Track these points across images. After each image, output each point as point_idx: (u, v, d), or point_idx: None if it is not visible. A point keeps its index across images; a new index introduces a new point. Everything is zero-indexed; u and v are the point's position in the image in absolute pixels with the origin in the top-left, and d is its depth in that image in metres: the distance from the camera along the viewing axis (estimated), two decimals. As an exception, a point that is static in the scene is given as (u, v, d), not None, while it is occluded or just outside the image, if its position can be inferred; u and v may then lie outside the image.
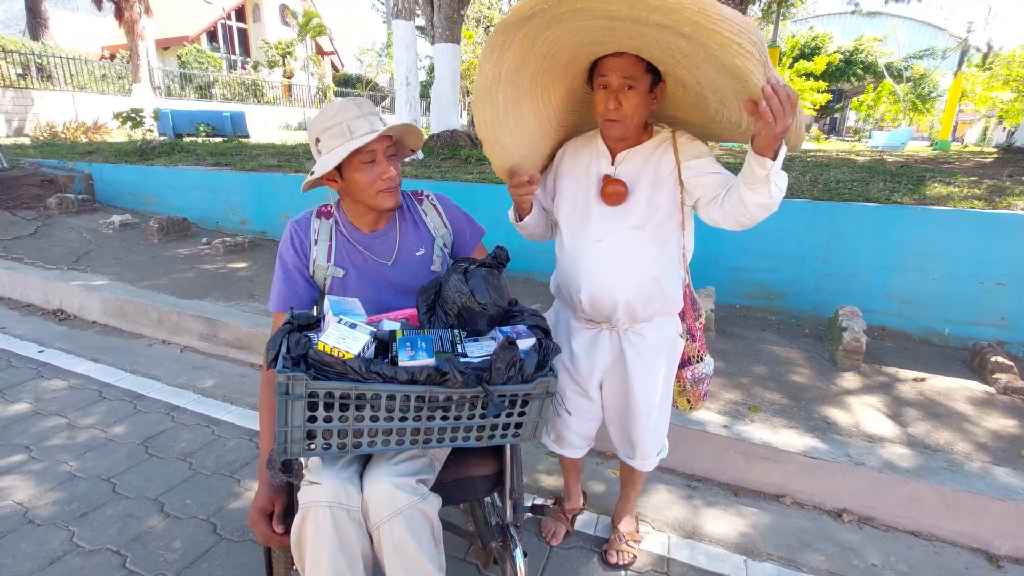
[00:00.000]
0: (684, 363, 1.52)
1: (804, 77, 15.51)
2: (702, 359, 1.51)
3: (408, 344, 1.02)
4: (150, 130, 9.05)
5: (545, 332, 1.19)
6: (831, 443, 2.12)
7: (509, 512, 1.29)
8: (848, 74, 20.35)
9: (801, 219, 3.33)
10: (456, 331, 1.14)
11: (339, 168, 1.27)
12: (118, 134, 10.99)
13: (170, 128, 9.82)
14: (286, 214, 5.04)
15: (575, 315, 1.52)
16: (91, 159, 6.71)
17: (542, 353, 1.08)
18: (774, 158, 1.10)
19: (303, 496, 1.02)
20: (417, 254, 1.40)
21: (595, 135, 1.45)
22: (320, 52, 27.21)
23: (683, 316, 1.48)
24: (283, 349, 0.99)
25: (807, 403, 2.46)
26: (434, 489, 1.19)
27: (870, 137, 15.62)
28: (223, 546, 1.74)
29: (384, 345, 1.12)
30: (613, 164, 1.40)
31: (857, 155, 5.95)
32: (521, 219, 1.53)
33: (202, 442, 2.32)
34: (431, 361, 0.99)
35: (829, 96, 17.26)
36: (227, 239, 4.77)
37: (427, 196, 1.49)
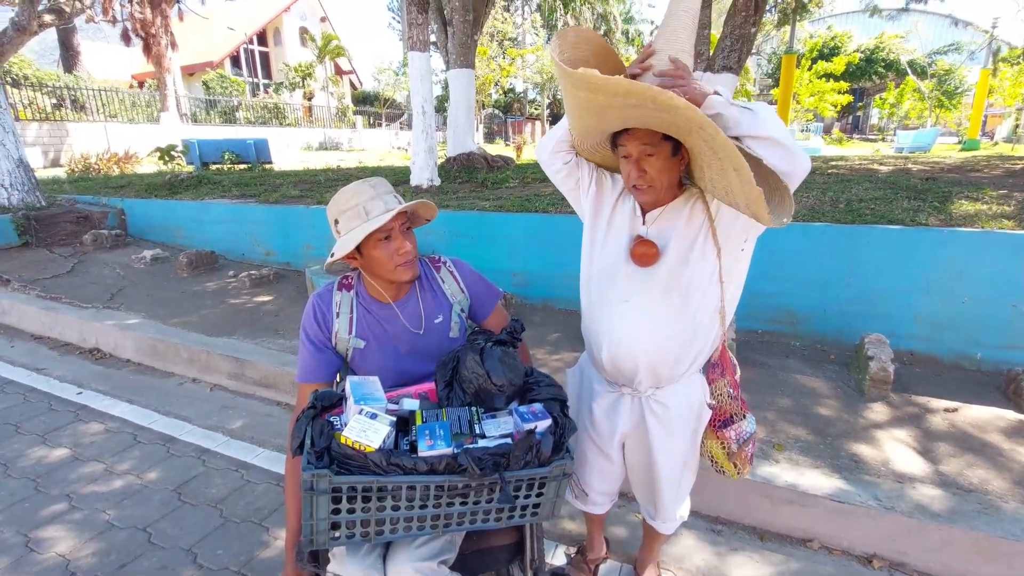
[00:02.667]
0: (727, 422, 1.46)
1: (824, 78, 15.28)
2: (744, 416, 1.45)
3: (427, 433, 1.05)
4: (180, 164, 9.38)
5: (562, 405, 1.21)
6: (859, 485, 2.08)
7: (530, 582, 1.30)
8: (869, 72, 19.98)
9: (823, 242, 3.28)
10: (473, 409, 1.17)
11: (358, 247, 1.32)
12: (147, 162, 11.40)
13: (197, 157, 10.16)
14: (309, 245, 5.16)
15: (598, 373, 1.51)
16: (123, 193, 6.98)
17: (558, 434, 1.10)
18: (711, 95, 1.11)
19: (330, 583, 1.05)
20: (436, 321, 1.43)
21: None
22: (339, 72, 27.84)
23: (723, 372, 1.44)
24: (307, 440, 1.03)
25: (834, 439, 2.41)
26: (455, 561, 1.21)
27: (895, 136, 15.25)
28: (255, 600, 1.79)
29: (404, 421, 1.15)
30: (644, 224, 1.38)
31: (880, 163, 5.83)
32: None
33: (232, 487, 2.38)
34: (449, 450, 1.02)
35: (850, 97, 16.96)
36: (253, 272, 4.91)
37: (444, 263, 1.52)
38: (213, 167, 10.26)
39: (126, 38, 12.94)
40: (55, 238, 5.87)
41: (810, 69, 15.40)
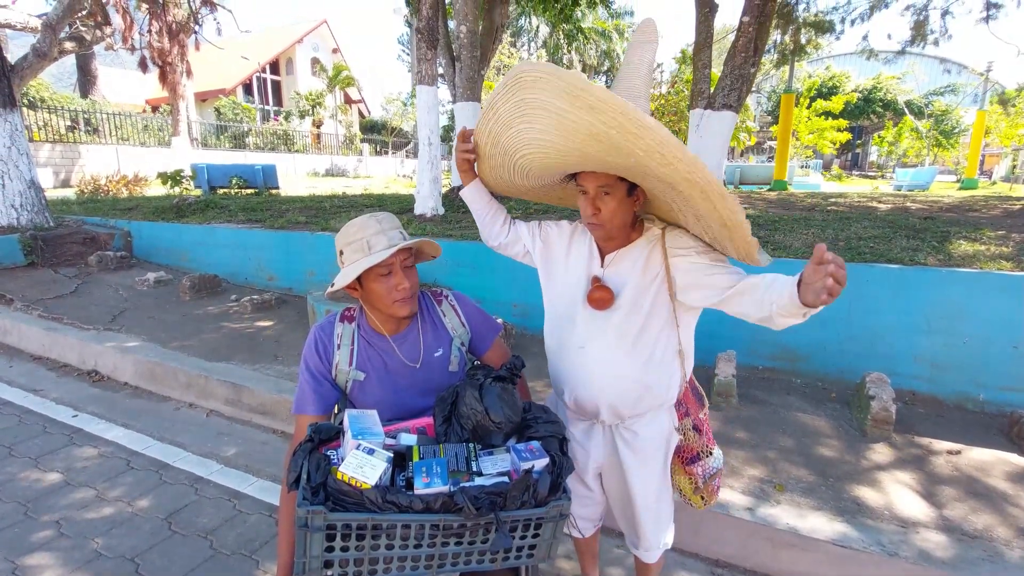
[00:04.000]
0: (694, 459, 1.50)
1: (823, 116, 15.60)
2: (711, 453, 1.49)
3: (424, 470, 1.04)
4: (187, 188, 9.54)
5: (561, 442, 1.21)
6: (862, 529, 2.04)
7: (524, 624, 1.27)
8: (867, 111, 20.42)
9: (822, 280, 3.29)
10: (471, 446, 1.16)
11: (360, 279, 1.34)
12: (156, 186, 11.57)
13: (205, 182, 10.32)
14: (311, 271, 5.20)
15: (566, 408, 1.54)
16: (131, 215, 7.07)
17: (555, 473, 1.09)
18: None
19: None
20: (435, 355, 1.44)
21: (588, 232, 1.47)
22: (348, 101, 28.50)
23: (687, 411, 1.49)
24: (303, 474, 1.02)
25: (836, 480, 2.38)
26: (449, 602, 1.19)
27: (894, 174, 15.48)
28: (241, 637, 1.74)
29: (401, 456, 1.15)
30: (603, 266, 1.43)
31: (879, 201, 5.90)
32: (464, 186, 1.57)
33: (224, 518, 2.34)
34: (445, 489, 1.01)
35: (849, 135, 17.28)
36: (255, 296, 4.93)
37: (446, 296, 1.53)
38: (221, 191, 10.41)
39: (143, 66, 13.33)
40: (61, 259, 5.93)
41: (809, 107, 15.77)
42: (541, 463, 1.11)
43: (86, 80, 18.13)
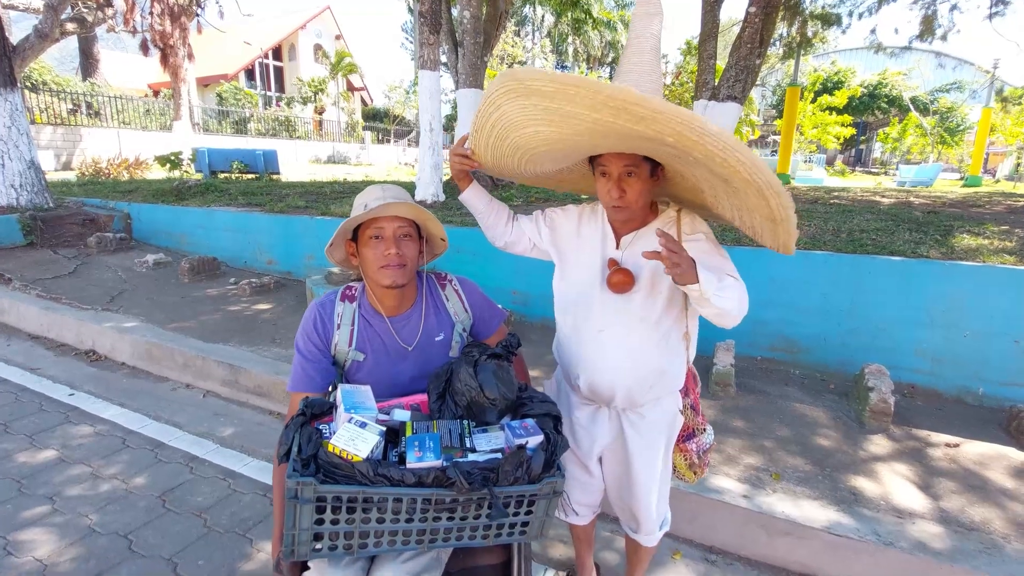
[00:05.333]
0: (689, 436, 1.50)
1: (827, 111, 15.48)
2: (704, 430, 1.51)
3: (416, 444, 1.03)
4: (187, 171, 9.49)
5: (556, 421, 1.19)
6: (858, 519, 2.03)
7: (516, 604, 1.26)
8: (872, 107, 20.27)
9: (825, 271, 3.27)
10: (465, 423, 1.15)
11: (358, 244, 1.34)
12: (157, 169, 11.53)
13: (206, 166, 10.26)
14: (311, 255, 5.18)
15: (574, 393, 1.53)
16: (131, 198, 7.04)
17: (549, 451, 1.08)
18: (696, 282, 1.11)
19: (309, 594, 1.02)
20: (437, 339, 1.41)
21: (602, 213, 1.45)
22: (351, 88, 28.31)
23: (686, 391, 1.48)
24: (294, 448, 1.01)
25: (832, 470, 2.37)
26: (441, 579, 1.18)
27: (897, 170, 15.39)
28: (233, 614, 1.74)
29: (394, 432, 1.13)
30: (618, 248, 1.40)
31: (882, 196, 5.85)
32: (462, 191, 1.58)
33: (218, 496, 2.34)
34: (438, 463, 1.00)
35: (853, 130, 17.16)
36: (253, 280, 4.91)
37: (450, 281, 1.51)
38: (222, 176, 10.36)
39: (145, 48, 13.23)
40: (60, 239, 5.90)
41: (813, 102, 15.64)
42: (535, 440, 1.09)
43: (88, 63, 17.98)
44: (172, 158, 9.26)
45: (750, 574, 2.02)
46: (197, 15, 12.26)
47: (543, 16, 24.30)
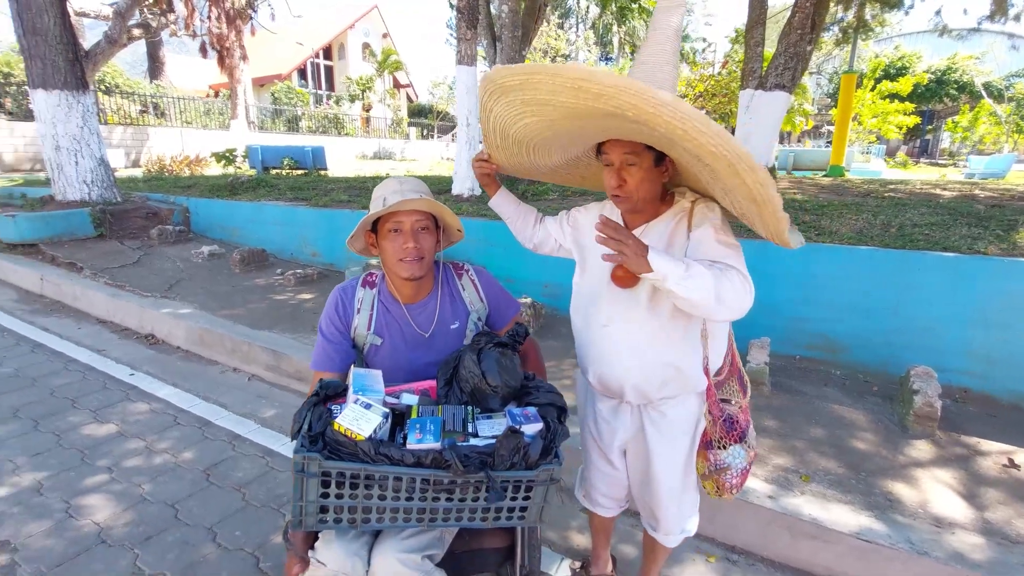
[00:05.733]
0: (708, 444, 1.43)
1: (889, 99, 14.54)
2: (725, 447, 1.36)
3: (418, 426, 1.08)
4: (239, 167, 9.99)
5: (560, 411, 1.21)
6: (891, 525, 1.95)
7: (519, 587, 1.30)
8: (940, 94, 18.85)
9: (868, 268, 3.12)
10: (469, 408, 1.19)
11: (377, 236, 1.42)
12: (214, 166, 12.17)
13: (259, 162, 10.74)
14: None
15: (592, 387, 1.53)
16: (189, 193, 7.48)
17: (548, 439, 1.10)
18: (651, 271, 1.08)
19: (313, 564, 1.09)
20: (452, 327, 1.46)
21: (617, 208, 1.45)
22: (397, 85, 28.89)
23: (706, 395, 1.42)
24: (304, 426, 1.07)
25: (868, 475, 2.27)
26: (445, 559, 1.23)
27: (967, 162, 14.30)
28: (264, 582, 1.86)
29: (402, 415, 1.18)
30: None
31: (944, 188, 5.48)
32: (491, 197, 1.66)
33: (257, 473, 2.49)
34: (437, 445, 1.04)
35: (917, 119, 16.03)
36: (298, 270, 5.14)
37: (467, 271, 1.55)
38: (273, 172, 10.83)
39: (203, 51, 13.99)
40: (126, 231, 6.35)
41: (873, 89, 14.68)
42: (535, 428, 1.12)
43: (155, 66, 19.16)
44: (227, 155, 9.82)
45: (772, 575, 1.97)
46: (251, 18, 12.82)
47: (587, 7, 23.95)
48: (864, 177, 8.04)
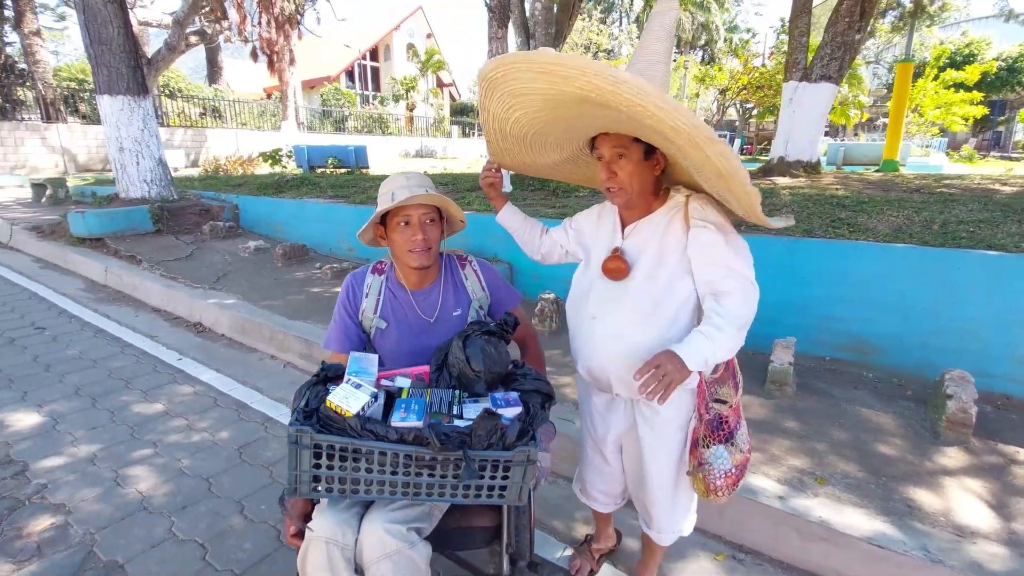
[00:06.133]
0: (695, 443, 1.42)
1: (953, 88, 13.58)
2: (708, 447, 1.36)
3: (403, 407, 1.15)
4: (284, 166, 10.47)
5: (545, 397, 1.26)
6: (907, 532, 1.88)
7: (506, 565, 1.35)
8: (1012, 83, 17.44)
9: (904, 266, 2.98)
10: (456, 392, 1.25)
11: (386, 229, 1.50)
12: (264, 166, 12.77)
13: (305, 162, 11.22)
14: (385, 243, 5.54)
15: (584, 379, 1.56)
16: (239, 191, 7.91)
17: (526, 422, 1.15)
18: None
19: (308, 530, 1.18)
20: (454, 314, 1.54)
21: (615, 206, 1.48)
22: (440, 85, 29.38)
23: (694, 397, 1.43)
24: (303, 402, 1.17)
25: (889, 480, 2.20)
26: (436, 535, 1.30)
27: (1044, 155, 13.22)
28: (283, 552, 1.99)
29: (394, 398, 1.26)
30: (623, 237, 1.41)
31: (1005, 184, 5.12)
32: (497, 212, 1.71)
33: (285, 453, 2.62)
34: (419, 424, 1.11)
35: (985, 110, 14.89)
36: (335, 265, 5.36)
37: (469, 261, 1.64)
38: (318, 171, 11.28)
39: (254, 55, 14.70)
40: (181, 227, 6.79)
41: (936, 78, 13.72)
42: (514, 411, 1.17)
43: (213, 71, 20.27)
44: (273, 154, 10.34)
45: (779, 576, 1.95)
46: (299, 23, 13.37)
47: (631, 1, 23.56)
48: (920, 172, 7.60)
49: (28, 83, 13.70)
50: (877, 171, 8.02)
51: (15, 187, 12.20)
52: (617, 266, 1.34)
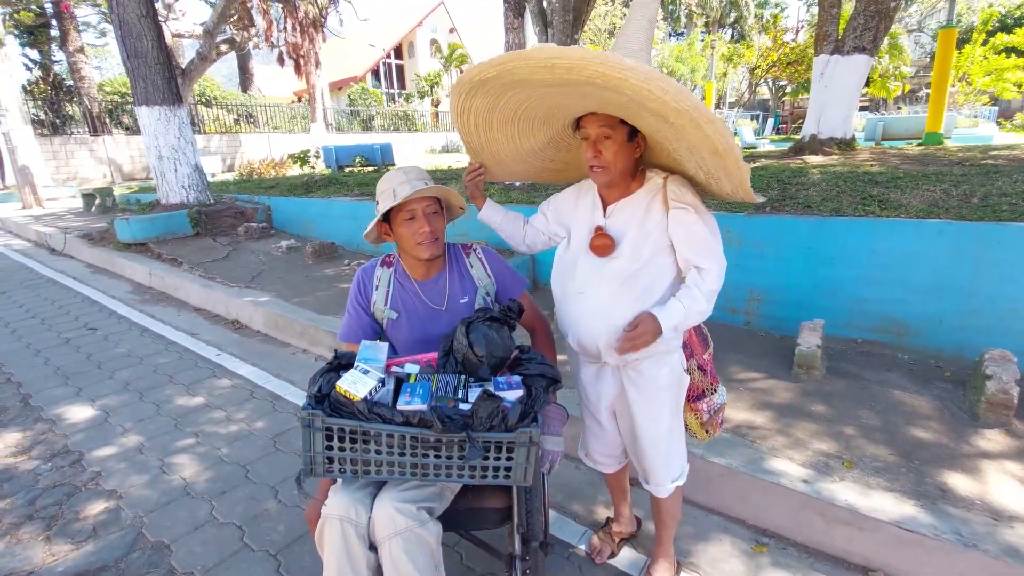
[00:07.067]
0: (699, 396, 1.55)
1: (1003, 53, 12.71)
2: (715, 390, 1.54)
3: (408, 391, 1.20)
4: (312, 167, 10.75)
5: (550, 381, 1.29)
6: (939, 516, 1.83)
7: (517, 545, 1.39)
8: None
9: (939, 243, 2.85)
10: (462, 377, 1.29)
11: (391, 224, 1.54)
12: (295, 168, 13.14)
13: (333, 162, 11.49)
14: (410, 238, 5.64)
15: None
16: (271, 192, 8.17)
17: (528, 404, 1.18)
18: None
19: (323, 508, 1.25)
20: (462, 301, 1.58)
21: (593, 186, 1.53)
22: (463, 79, 29.40)
23: (691, 352, 1.52)
24: (315, 388, 1.23)
25: (921, 463, 2.13)
26: (449, 515, 1.35)
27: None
28: (313, 535, 2.08)
29: (403, 384, 1.31)
30: (605, 216, 1.47)
31: (1060, 153, 4.81)
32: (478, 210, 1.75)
33: (315, 442, 2.75)
34: (423, 407, 1.15)
35: (1043, 74, 13.94)
36: (362, 260, 5.49)
37: (475, 250, 1.68)
38: (346, 170, 11.54)
39: (280, 60, 15.07)
40: (218, 229, 7.08)
41: (985, 44, 12.84)
42: (516, 394, 1.20)
43: (245, 78, 20.90)
44: (301, 156, 10.65)
45: (804, 561, 1.92)
46: (323, 26, 13.62)
47: (656, -18, 22.92)
48: (965, 144, 7.19)
49: (75, 99, 14.46)
50: (919, 145, 7.63)
51: (68, 198, 12.95)
52: (604, 243, 1.41)
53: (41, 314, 5.09)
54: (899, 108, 21.28)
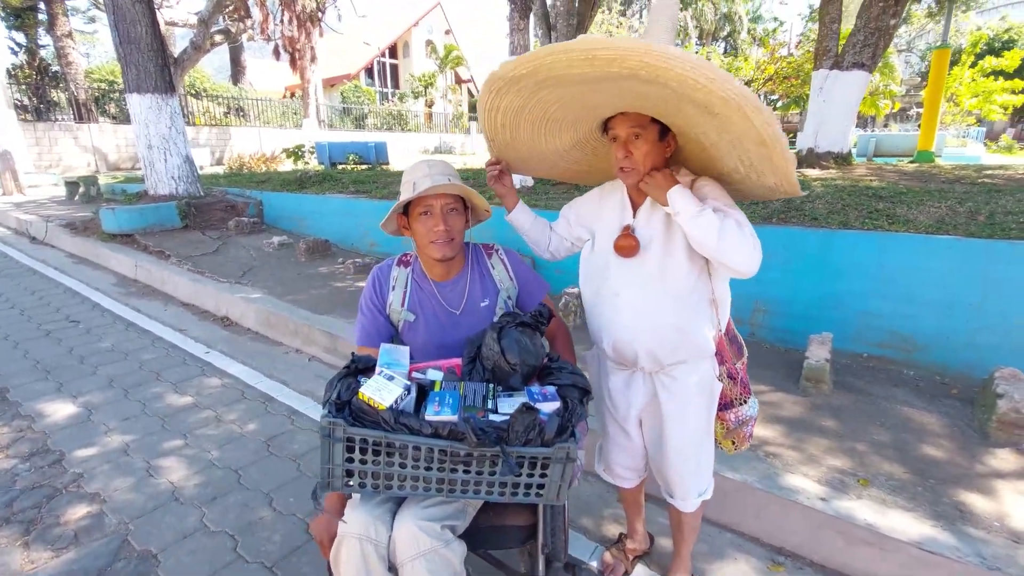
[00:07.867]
0: (727, 405, 1.50)
1: (992, 76, 13.02)
2: (745, 401, 1.48)
3: (437, 400, 1.11)
4: (306, 162, 10.58)
5: (583, 392, 1.21)
6: (960, 537, 1.79)
7: (541, 566, 1.31)
8: (1056, 69, 16.67)
9: (948, 259, 2.85)
10: (491, 386, 1.21)
11: (409, 219, 1.47)
12: (287, 163, 12.93)
13: (327, 158, 11.31)
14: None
15: (608, 358, 1.56)
16: (263, 187, 8.00)
17: (565, 417, 1.11)
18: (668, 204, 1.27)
19: (341, 525, 1.15)
20: (482, 304, 1.50)
21: (623, 185, 1.49)
22: (458, 81, 29.35)
23: (722, 359, 1.47)
24: (334, 395, 1.14)
25: (937, 482, 2.09)
26: (469, 533, 1.26)
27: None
28: (312, 546, 1.98)
29: (427, 391, 1.23)
30: (634, 216, 1.44)
31: (1054, 174, 4.88)
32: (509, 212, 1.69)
33: (312, 446, 2.65)
34: (454, 418, 1.07)
35: (1027, 98, 14.31)
36: (357, 259, 5.38)
37: (496, 251, 1.60)
38: (339, 167, 11.37)
39: (276, 54, 14.88)
40: (208, 223, 6.89)
41: (974, 66, 13.14)
42: (552, 406, 1.12)
43: (237, 71, 20.56)
44: (295, 151, 10.49)
45: (821, 581, 1.87)
46: (320, 20, 13.46)
47: (652, -8, 23.17)
48: (957, 163, 7.31)
49: (61, 84, 14.08)
50: (911, 162, 7.74)
51: (50, 185, 12.58)
52: (628, 243, 1.38)
53: (20, 304, 4.89)
54: (887, 126, 21.67)
